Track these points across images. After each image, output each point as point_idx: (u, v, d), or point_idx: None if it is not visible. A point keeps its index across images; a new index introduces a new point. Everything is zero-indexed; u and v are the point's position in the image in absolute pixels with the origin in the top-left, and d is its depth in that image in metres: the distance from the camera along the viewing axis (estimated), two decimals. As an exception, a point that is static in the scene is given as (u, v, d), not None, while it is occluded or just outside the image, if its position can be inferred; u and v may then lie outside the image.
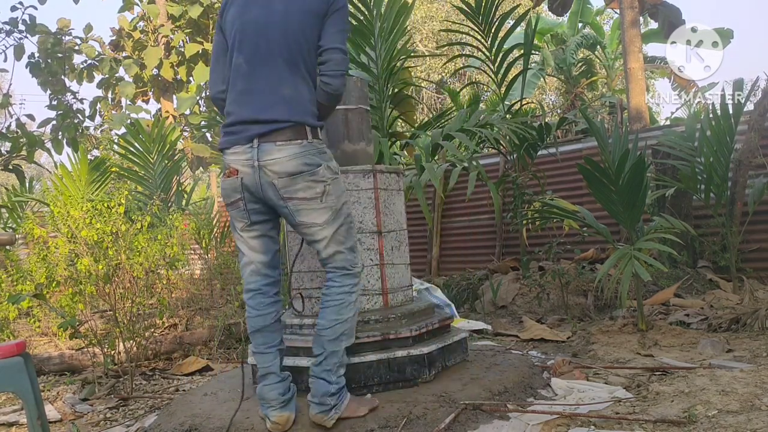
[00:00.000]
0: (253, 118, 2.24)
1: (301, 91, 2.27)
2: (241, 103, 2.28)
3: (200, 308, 5.69)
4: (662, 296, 4.63)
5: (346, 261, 2.31)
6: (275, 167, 2.20)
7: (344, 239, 2.31)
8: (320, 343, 2.29)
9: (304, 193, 2.22)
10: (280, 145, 2.20)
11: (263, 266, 2.36)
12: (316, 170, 2.22)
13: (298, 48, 2.26)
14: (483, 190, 6.53)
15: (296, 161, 2.20)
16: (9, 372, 2.02)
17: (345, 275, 2.31)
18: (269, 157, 2.20)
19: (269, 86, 2.25)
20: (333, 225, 2.27)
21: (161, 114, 9.78)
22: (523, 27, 6.45)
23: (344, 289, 2.30)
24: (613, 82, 13.61)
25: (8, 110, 9.09)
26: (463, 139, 5.34)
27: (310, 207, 2.24)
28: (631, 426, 2.24)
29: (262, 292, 2.36)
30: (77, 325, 3.52)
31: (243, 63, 2.29)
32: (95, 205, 4.19)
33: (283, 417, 2.29)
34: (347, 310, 2.30)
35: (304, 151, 2.21)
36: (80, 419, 3.10)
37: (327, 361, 2.28)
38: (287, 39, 2.25)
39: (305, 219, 2.25)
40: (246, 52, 2.29)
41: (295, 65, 2.27)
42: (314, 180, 2.22)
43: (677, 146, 5.05)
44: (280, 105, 2.23)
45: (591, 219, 4.11)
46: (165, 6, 9.50)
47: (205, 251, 6.87)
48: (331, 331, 2.27)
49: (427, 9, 18.02)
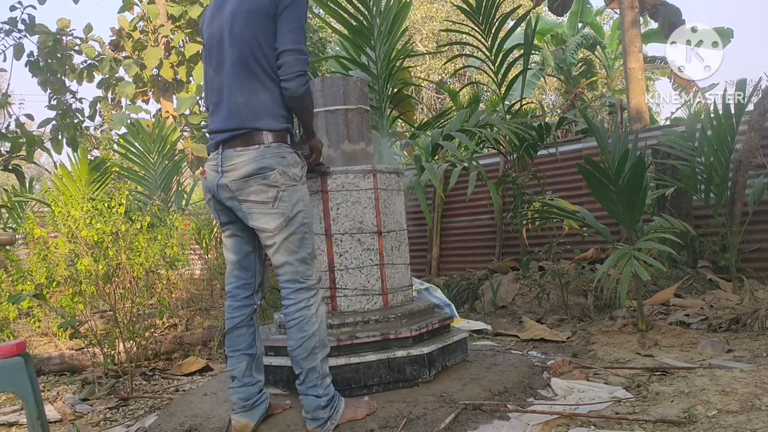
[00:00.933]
0: (218, 129, 2.29)
1: (257, 96, 2.25)
2: (212, 114, 2.35)
3: (200, 308, 5.69)
4: (662, 296, 4.63)
5: (297, 273, 2.25)
6: (233, 172, 2.22)
7: (296, 249, 2.25)
8: (296, 363, 2.27)
9: (256, 196, 2.21)
10: (239, 150, 2.23)
11: (234, 267, 2.39)
12: (268, 174, 2.20)
13: (249, 51, 2.24)
14: (483, 190, 6.53)
15: (250, 166, 2.20)
16: (9, 372, 2.02)
17: (298, 290, 2.26)
18: (229, 162, 2.23)
19: (228, 95, 2.28)
20: (284, 232, 2.23)
21: (161, 114, 9.77)
22: (523, 27, 6.45)
23: (300, 305, 2.25)
24: (613, 82, 13.61)
25: (7, 110, 9.08)
26: (463, 139, 5.34)
27: (261, 211, 2.22)
28: (631, 426, 2.24)
29: (232, 295, 2.38)
30: (77, 325, 3.52)
31: (212, 74, 2.35)
32: (95, 205, 4.19)
33: (240, 423, 2.31)
34: (310, 325, 2.24)
35: (259, 156, 2.21)
36: (80, 419, 3.10)
37: (308, 378, 2.26)
38: (236, 43, 2.26)
39: (256, 223, 2.24)
40: (212, 63, 2.35)
41: (248, 69, 2.25)
42: (266, 184, 2.20)
43: (677, 146, 5.05)
44: (236, 113, 2.25)
45: (591, 219, 4.11)
46: (165, 6, 9.50)
47: (205, 251, 6.87)
48: (301, 349, 2.24)
49: (427, 9, 18.03)
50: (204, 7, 9.30)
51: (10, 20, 8.65)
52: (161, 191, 7.49)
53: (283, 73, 2.24)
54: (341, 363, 2.56)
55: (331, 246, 2.81)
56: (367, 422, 2.30)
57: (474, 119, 5.68)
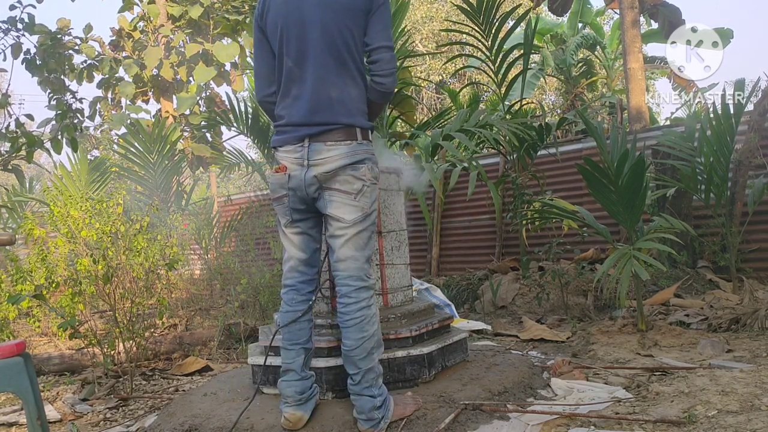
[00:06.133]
0: (302, 122, 2.25)
1: (349, 92, 2.27)
2: (292, 106, 2.28)
3: (200, 308, 5.70)
4: (662, 296, 4.63)
5: (361, 270, 2.27)
6: (323, 166, 2.21)
7: (363, 246, 2.28)
8: (352, 363, 2.27)
9: (341, 185, 2.23)
10: (330, 145, 2.22)
11: (301, 263, 2.38)
12: (358, 167, 2.24)
13: (344, 45, 2.24)
14: (483, 190, 6.53)
15: (342, 161, 2.22)
16: (9, 372, 2.02)
17: (360, 289, 2.26)
18: (318, 156, 2.22)
19: (317, 88, 2.24)
20: (357, 227, 2.25)
21: (161, 114, 9.76)
22: (523, 27, 6.45)
23: (361, 304, 2.25)
24: (613, 82, 13.60)
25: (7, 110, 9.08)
26: (463, 139, 5.34)
27: (342, 201, 2.24)
28: (631, 426, 2.24)
29: (296, 289, 2.38)
30: (77, 326, 3.52)
31: (292, 66, 2.27)
32: (94, 204, 4.19)
33: (295, 415, 2.30)
34: (370, 325, 2.26)
35: (350, 151, 2.23)
36: (80, 419, 3.09)
37: (365, 378, 2.26)
38: (328, 36, 2.23)
39: (335, 211, 2.25)
40: (292, 55, 2.27)
41: (341, 63, 2.25)
42: (354, 176, 2.23)
43: (677, 146, 5.05)
44: (327, 107, 2.23)
45: (591, 219, 4.11)
46: (165, 6, 9.49)
47: (205, 251, 6.87)
48: (360, 350, 2.24)
49: (427, 9, 18.00)
50: (204, 7, 9.29)
51: (9, 19, 8.64)
52: (161, 191, 7.50)
53: (379, 68, 2.27)
54: (341, 363, 2.55)
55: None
56: (367, 422, 2.29)
57: (474, 119, 5.68)
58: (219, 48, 9.33)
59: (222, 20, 9.44)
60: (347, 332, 2.26)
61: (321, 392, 2.54)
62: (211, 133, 9.83)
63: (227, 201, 9.70)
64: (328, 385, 2.56)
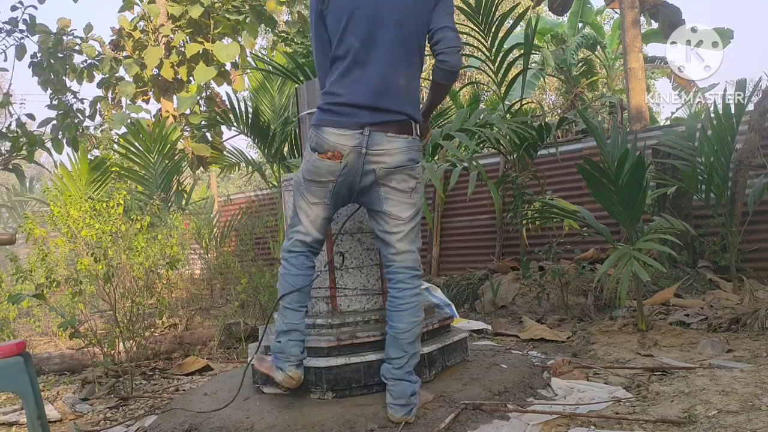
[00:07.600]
0: (365, 104, 2.20)
1: (413, 83, 2.28)
2: (353, 86, 2.22)
3: (200, 308, 5.70)
4: (662, 296, 4.63)
5: (416, 261, 2.36)
6: (383, 157, 2.21)
7: (415, 239, 2.37)
8: (399, 347, 2.32)
9: (398, 183, 2.25)
10: (390, 136, 2.21)
11: (314, 241, 2.41)
12: (415, 166, 2.26)
13: (416, 35, 2.25)
14: (483, 190, 6.53)
15: (402, 155, 2.22)
16: (9, 372, 2.02)
17: (414, 276, 2.35)
18: (378, 146, 2.20)
19: (384, 73, 2.21)
20: (411, 223, 2.31)
21: (161, 114, 9.76)
22: (523, 27, 6.44)
23: (415, 291, 2.34)
24: (613, 82, 13.60)
25: (8, 110, 9.09)
26: (463, 139, 5.33)
27: (398, 199, 2.26)
28: (631, 426, 2.23)
29: (306, 255, 2.40)
30: (77, 325, 3.52)
31: (359, 48, 2.22)
32: (94, 204, 4.19)
33: (298, 374, 2.37)
34: (421, 312, 2.37)
35: (408, 146, 2.23)
36: (80, 419, 3.09)
37: (409, 362, 2.32)
38: (405, 25, 2.23)
39: (391, 209, 2.27)
40: (361, 35, 2.22)
41: (410, 54, 2.26)
42: (410, 174, 2.25)
43: (677, 146, 5.05)
44: (394, 94, 2.22)
45: (591, 219, 4.11)
46: (165, 6, 9.49)
47: (205, 251, 6.87)
48: (410, 333, 2.31)
49: (428, 9, 17.99)
50: (204, 7, 9.28)
51: (11, 20, 8.65)
52: (161, 191, 7.50)
53: (443, 46, 2.25)
54: (341, 363, 2.55)
55: (331, 245, 2.81)
56: (368, 422, 2.29)
57: (474, 119, 5.67)
58: (219, 48, 9.33)
59: (222, 20, 9.44)
60: (401, 316, 2.31)
61: (321, 392, 2.55)
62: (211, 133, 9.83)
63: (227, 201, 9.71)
64: (328, 385, 2.56)
